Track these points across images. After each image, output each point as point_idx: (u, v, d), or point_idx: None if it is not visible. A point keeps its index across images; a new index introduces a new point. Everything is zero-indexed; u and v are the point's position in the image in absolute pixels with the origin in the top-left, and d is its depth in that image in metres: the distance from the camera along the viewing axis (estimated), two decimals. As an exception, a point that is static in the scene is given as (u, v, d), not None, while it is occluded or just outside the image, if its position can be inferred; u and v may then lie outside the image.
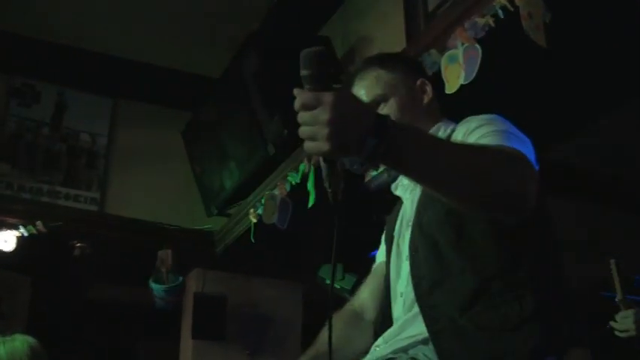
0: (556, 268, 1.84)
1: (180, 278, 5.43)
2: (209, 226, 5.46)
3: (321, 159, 1.45)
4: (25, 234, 4.98)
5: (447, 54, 3.09)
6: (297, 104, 1.41)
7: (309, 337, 6.37)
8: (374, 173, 2.08)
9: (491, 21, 2.92)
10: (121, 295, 6.75)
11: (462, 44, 3.02)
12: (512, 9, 2.82)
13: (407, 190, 2.05)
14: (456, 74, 2.99)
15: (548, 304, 1.72)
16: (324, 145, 1.37)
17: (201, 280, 5.74)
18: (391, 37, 4.06)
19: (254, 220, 4.63)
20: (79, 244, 5.39)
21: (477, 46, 2.96)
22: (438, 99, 2.15)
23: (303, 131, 1.40)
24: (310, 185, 3.95)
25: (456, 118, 2.00)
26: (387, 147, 1.40)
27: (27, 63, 5.34)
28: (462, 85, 2.97)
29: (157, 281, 5.32)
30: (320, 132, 1.37)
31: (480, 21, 2.95)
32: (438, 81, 3.08)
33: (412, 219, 1.96)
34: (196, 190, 5.40)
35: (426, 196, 1.90)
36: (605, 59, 3.31)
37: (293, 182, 4.23)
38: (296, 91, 1.41)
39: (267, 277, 5.89)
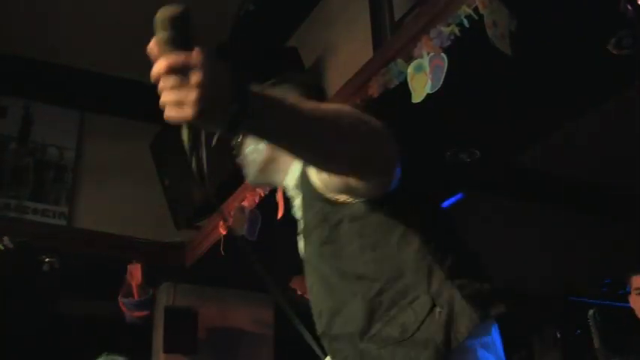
0: (452, 257, 1.75)
1: (150, 292, 5.38)
2: (178, 239, 5.43)
3: (184, 131, 1.37)
4: (-7, 250, 4.91)
5: (413, 63, 3.09)
6: (160, 68, 1.30)
7: (281, 349, 6.36)
8: None
9: (456, 30, 2.92)
10: (91, 310, 6.68)
11: (428, 53, 3.02)
12: (476, 17, 2.83)
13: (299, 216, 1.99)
14: (422, 83, 2.99)
15: (446, 297, 1.66)
16: (190, 110, 1.28)
17: (171, 294, 5.70)
18: (358, 47, 4.06)
19: (224, 232, 4.61)
20: (47, 259, 5.32)
21: (443, 55, 2.96)
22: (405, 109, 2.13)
23: (166, 97, 1.30)
24: (279, 196, 3.94)
25: (423, 128, 1.99)
26: (248, 113, 1.32)
27: (-8, 77, 5.29)
28: (428, 95, 2.98)
29: (126, 295, 5.27)
30: (188, 96, 1.27)
31: (446, 30, 2.95)
32: (404, 90, 3.09)
33: (303, 253, 1.94)
34: (165, 203, 5.36)
35: (305, 228, 1.87)
36: (568, 65, 3.33)
37: (262, 194, 4.22)
38: (154, 52, 1.32)
39: (238, 290, 5.85)
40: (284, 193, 1.67)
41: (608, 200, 6.22)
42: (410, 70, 3.10)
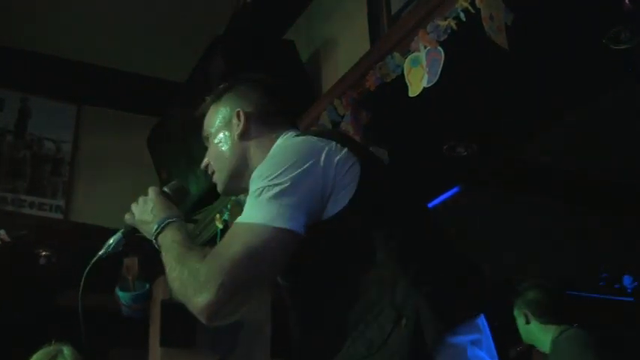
0: (419, 264, 1.69)
1: (147, 285, 5.37)
2: (175, 232, 5.41)
3: (121, 232, 2.27)
4: (-11, 244, 4.91)
5: (409, 57, 3.08)
6: None
7: (278, 341, 6.35)
8: None
9: (453, 23, 2.92)
10: (88, 303, 6.67)
11: (425, 47, 3.02)
12: (473, 11, 2.82)
13: None
14: (418, 77, 2.98)
15: (412, 307, 1.60)
16: (130, 216, 2.18)
17: (168, 287, 5.68)
18: (355, 40, 4.05)
19: (220, 226, 4.60)
20: (44, 253, 5.31)
21: (440, 48, 2.95)
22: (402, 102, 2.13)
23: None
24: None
25: (420, 121, 1.98)
26: (155, 238, 2.02)
27: (-12, 70, 5.28)
28: (425, 88, 2.97)
29: (123, 289, 5.26)
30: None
31: (442, 24, 2.95)
32: (401, 84, 3.09)
33: None
34: (162, 197, 5.34)
35: None
36: (565, 59, 3.34)
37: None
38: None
39: (235, 283, 5.84)
40: None
41: (608, 193, 6.22)
42: (406, 63, 3.09)
